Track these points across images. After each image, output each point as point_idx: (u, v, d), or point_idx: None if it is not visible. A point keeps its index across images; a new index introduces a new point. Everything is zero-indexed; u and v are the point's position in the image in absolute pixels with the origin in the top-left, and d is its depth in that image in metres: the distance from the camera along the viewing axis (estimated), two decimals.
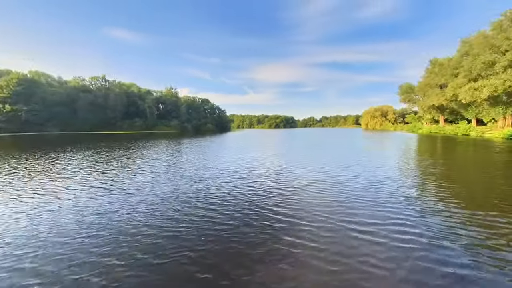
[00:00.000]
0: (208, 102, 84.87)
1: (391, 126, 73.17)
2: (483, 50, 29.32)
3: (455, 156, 12.83)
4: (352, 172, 7.97)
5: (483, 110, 32.26)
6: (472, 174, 8.19)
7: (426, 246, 3.07)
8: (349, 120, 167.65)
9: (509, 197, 5.22)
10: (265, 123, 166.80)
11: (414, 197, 5.24)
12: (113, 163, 9.98)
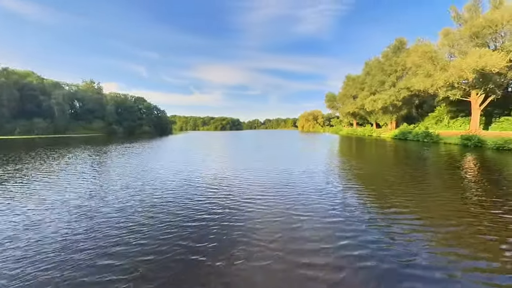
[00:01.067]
0: (143, 101, 74.79)
1: (321, 128, 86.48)
2: (377, 72, 39.25)
3: (365, 153, 16.71)
4: (291, 172, 9.10)
5: (379, 116, 43.07)
6: (375, 164, 10.99)
7: (351, 233, 4.01)
8: (288, 123, 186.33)
9: (395, 179, 7.39)
10: (211, 125, 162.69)
11: (339, 189, 6.60)
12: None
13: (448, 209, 4.93)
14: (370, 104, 39.00)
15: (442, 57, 24.64)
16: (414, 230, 3.94)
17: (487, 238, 3.65)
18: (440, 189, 6.77)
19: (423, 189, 6.56)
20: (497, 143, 14.89)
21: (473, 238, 3.65)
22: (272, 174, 8.63)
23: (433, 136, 22.53)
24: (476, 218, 4.46)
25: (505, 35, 20.23)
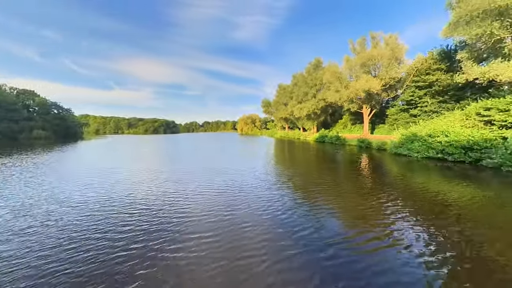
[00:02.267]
0: (33, 96, 55.70)
1: (258, 131, 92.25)
2: (302, 84, 45.93)
3: (294, 154, 19.17)
4: (230, 178, 9.32)
5: (305, 122, 50.47)
6: (302, 162, 12.85)
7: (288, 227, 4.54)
8: (228, 126, 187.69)
9: (318, 175, 8.94)
10: (139, 127, 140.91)
11: (276, 188, 7.33)
12: None
13: (352, 191, 6.48)
14: (297, 111, 45.13)
15: (345, 78, 31.81)
16: (331, 208, 4.95)
17: (373, 212, 5.07)
18: (345, 177, 8.75)
19: (336, 177, 8.30)
20: (378, 145, 20.67)
21: (363, 211, 4.98)
22: (206, 180, 8.49)
23: (341, 139, 28.63)
24: (367, 197, 6.08)
25: (380, 67, 28.42)
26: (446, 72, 23.60)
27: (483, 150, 11.55)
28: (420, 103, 25.98)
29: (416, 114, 26.10)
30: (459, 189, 7.70)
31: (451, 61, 23.29)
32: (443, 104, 23.89)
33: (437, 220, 5.18)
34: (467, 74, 16.39)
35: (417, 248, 4.01)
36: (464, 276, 3.28)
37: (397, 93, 30.68)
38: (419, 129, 16.44)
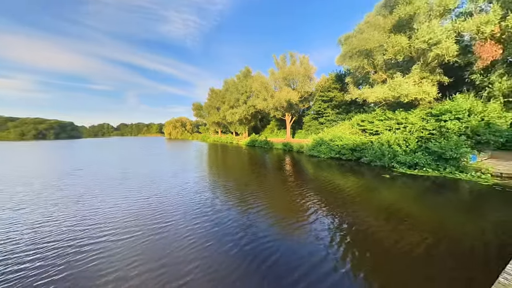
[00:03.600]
0: None
1: (190, 136, 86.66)
2: (234, 90, 47.32)
3: (227, 158, 19.27)
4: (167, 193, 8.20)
5: (237, 126, 52.06)
6: (236, 165, 13.09)
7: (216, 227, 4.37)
8: (153, 129, 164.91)
9: (249, 178, 9.31)
10: (10, 130, 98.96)
11: (207, 194, 7.01)
12: None
13: (276, 188, 7.18)
14: (230, 116, 45.98)
15: (271, 88, 35.44)
16: (260, 200, 5.24)
17: (295, 202, 5.81)
18: (271, 177, 9.65)
19: (264, 178, 8.97)
20: (297, 148, 24.24)
21: (288, 203, 5.63)
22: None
23: (269, 143, 31.55)
24: (288, 191, 6.92)
25: (297, 82, 33.64)
26: (340, 90, 31.04)
27: (361, 150, 15.91)
28: (325, 114, 32.78)
29: (323, 122, 32.70)
30: (349, 179, 10.22)
31: (343, 83, 30.93)
32: (339, 115, 31.23)
33: (335, 202, 6.61)
34: (351, 94, 22.22)
35: (323, 226, 4.92)
36: (354, 245, 4.30)
37: (310, 104, 37.34)
38: (324, 135, 20.61)
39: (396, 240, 4.77)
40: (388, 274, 3.69)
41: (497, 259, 3.73)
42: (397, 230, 5.21)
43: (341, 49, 22.27)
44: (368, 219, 5.87)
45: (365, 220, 5.82)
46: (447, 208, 6.77)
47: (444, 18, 16.34)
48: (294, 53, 34.47)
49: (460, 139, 11.70)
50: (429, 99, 16.79)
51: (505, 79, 14.34)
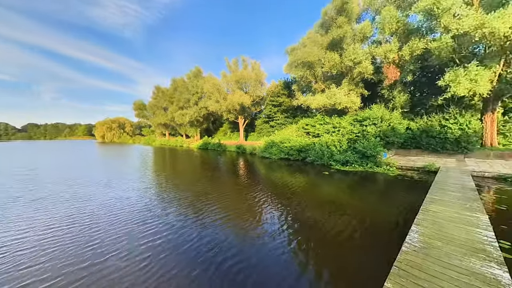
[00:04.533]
0: None
1: (130, 139, 75.70)
2: (184, 90, 44.47)
3: (179, 164, 17.80)
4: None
5: (188, 129, 49.01)
6: (187, 172, 12.22)
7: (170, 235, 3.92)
8: (79, 130, 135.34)
9: (202, 183, 8.87)
10: None
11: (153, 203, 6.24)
12: None
13: (231, 191, 7.11)
14: (179, 117, 42.87)
15: (224, 91, 35.18)
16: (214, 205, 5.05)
17: (250, 203, 5.89)
18: (226, 180, 9.52)
19: (218, 181, 8.73)
20: (250, 150, 24.86)
21: (243, 204, 5.67)
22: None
23: (223, 146, 31.13)
24: (244, 192, 6.98)
25: (249, 86, 34.63)
26: (288, 96, 33.83)
27: (306, 151, 17.76)
28: (275, 118, 34.98)
29: (274, 125, 34.79)
30: (297, 177, 11.22)
31: (290, 90, 33.87)
32: (288, 119, 33.96)
33: (285, 199, 7.12)
34: (297, 100, 24.60)
35: (276, 222, 5.20)
36: (301, 234, 4.72)
37: (261, 108, 39.09)
38: (275, 137, 21.95)
39: (332, 225, 5.55)
40: (326, 254, 4.25)
41: (403, 230, 4.84)
42: (333, 217, 6.07)
43: (288, 59, 24.39)
44: (312, 211, 6.60)
45: (310, 211, 6.52)
46: (368, 195, 8.38)
47: (364, 43, 20.30)
48: (246, 58, 35.44)
49: (376, 140, 14.73)
50: (355, 108, 20.42)
51: (401, 95, 19.04)
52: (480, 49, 14.62)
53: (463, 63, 14.03)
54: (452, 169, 10.59)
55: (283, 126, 31.06)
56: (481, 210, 4.96)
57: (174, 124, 50.06)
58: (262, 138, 24.91)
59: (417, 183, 9.87)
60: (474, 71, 12.82)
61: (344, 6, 20.09)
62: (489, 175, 10.18)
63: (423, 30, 17.24)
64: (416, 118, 17.89)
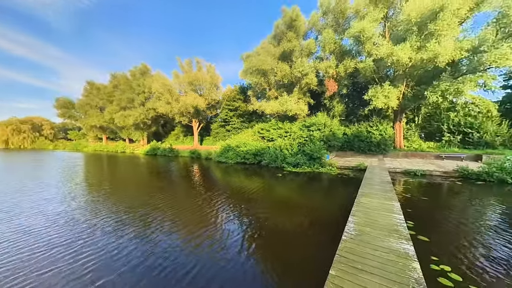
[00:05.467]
0: None
1: (50, 144, 60.76)
2: (127, 88, 39.19)
3: (120, 173, 15.30)
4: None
5: (132, 132, 43.22)
6: (129, 182, 10.62)
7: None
8: None
9: (148, 194, 7.89)
10: None
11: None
12: None
13: (188, 198, 6.59)
14: (121, 119, 37.41)
15: (176, 92, 32.88)
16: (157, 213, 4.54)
17: (206, 209, 5.59)
18: (179, 188, 8.80)
19: (170, 191, 7.97)
20: (206, 155, 23.94)
21: (200, 211, 5.33)
22: None
23: (175, 151, 28.84)
24: (199, 199, 6.59)
25: (204, 88, 33.55)
26: (244, 101, 34.47)
27: (262, 155, 18.43)
28: (231, 122, 34.98)
29: (230, 129, 34.67)
30: (253, 180, 11.46)
31: (246, 95, 34.65)
32: (243, 123, 34.50)
33: (241, 202, 7.14)
34: (253, 105, 25.38)
35: (233, 225, 5.12)
36: (256, 234, 4.80)
37: (217, 112, 38.42)
38: (231, 142, 21.89)
39: (285, 224, 5.91)
40: (280, 252, 4.48)
41: (345, 221, 5.58)
42: (286, 216, 6.48)
43: (243, 65, 24.98)
44: (267, 211, 6.86)
45: (265, 213, 6.75)
46: (315, 193, 9.36)
47: (309, 57, 22.89)
48: (201, 60, 34.39)
49: (321, 144, 16.69)
50: (303, 115, 22.64)
51: (339, 105, 22.32)
52: (391, 72, 18.75)
53: (381, 82, 17.66)
54: (375, 167, 13.03)
55: (240, 131, 31.38)
56: (395, 198, 6.28)
57: (114, 126, 43.23)
58: (218, 143, 24.41)
59: (353, 179, 11.67)
60: (387, 89, 16.32)
61: (293, 23, 22.23)
62: (399, 170, 13.03)
63: (353, 53, 20.82)
64: (350, 125, 21.28)
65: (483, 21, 15.68)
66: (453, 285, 3.44)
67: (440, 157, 16.21)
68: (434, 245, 4.64)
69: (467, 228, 5.61)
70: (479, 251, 4.47)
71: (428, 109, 21.88)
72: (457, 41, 14.29)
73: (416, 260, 3.15)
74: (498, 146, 17.12)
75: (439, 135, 20.04)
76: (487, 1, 14.12)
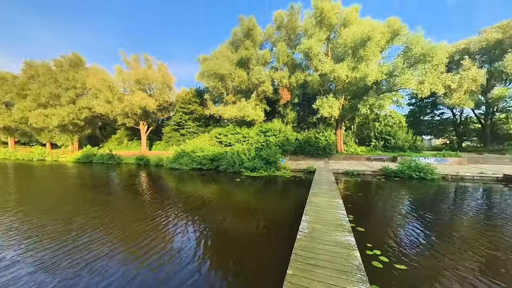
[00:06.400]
0: None
1: None
2: (49, 81, 31.81)
3: (34, 186, 11.95)
4: None
5: (56, 135, 35.08)
6: (50, 199, 8.42)
7: None
8: None
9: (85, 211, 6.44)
10: None
11: None
12: None
13: (131, 212, 5.67)
14: (39, 119, 29.88)
15: (119, 90, 28.77)
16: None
17: (157, 221, 4.94)
18: (122, 199, 7.56)
19: (110, 206, 6.71)
20: (156, 161, 21.64)
21: (150, 224, 4.66)
22: None
23: (116, 158, 24.93)
24: (148, 211, 5.80)
25: (154, 88, 30.61)
26: (200, 105, 33.10)
27: (219, 160, 18.00)
28: (186, 126, 32.95)
29: (184, 134, 32.55)
30: (210, 186, 11.00)
31: (202, 98, 33.42)
32: (200, 127, 33.03)
33: (198, 209, 6.72)
34: (210, 109, 24.70)
35: (189, 235, 4.71)
36: (216, 240, 4.56)
37: (170, 115, 35.57)
38: (186, 147, 20.57)
39: (244, 228, 5.90)
40: (239, 256, 4.41)
41: (299, 221, 5.95)
42: (243, 221, 6.47)
43: (200, 68, 24.17)
44: (225, 217, 6.68)
45: (222, 219, 6.57)
46: (272, 196, 9.74)
47: (265, 66, 24.11)
48: (150, 57, 31.44)
49: (276, 148, 17.61)
50: (260, 120, 23.49)
51: (292, 112, 24.23)
52: (333, 86, 21.71)
53: (326, 94, 20.19)
54: (322, 169, 14.63)
55: (196, 135, 29.89)
56: (338, 196, 7.17)
57: (27, 128, 34.13)
58: (172, 148, 22.48)
59: (304, 181, 12.72)
60: (331, 101, 18.78)
61: (250, 32, 23.07)
62: (341, 171, 15.03)
63: (303, 66, 23.12)
64: (301, 131, 23.34)
65: (395, 52, 20.28)
66: (382, 266, 4.12)
67: (369, 159, 19.59)
68: (369, 234, 5.49)
69: (390, 216, 6.90)
70: (399, 234, 5.55)
71: (360, 119, 26.29)
72: (379, 66, 17.83)
73: (356, 249, 3.63)
74: (407, 150, 22.02)
75: (368, 140, 24.27)
76: (397, 37, 18.26)
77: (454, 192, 10.12)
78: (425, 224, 6.23)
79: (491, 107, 24.73)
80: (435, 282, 3.68)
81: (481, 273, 3.89)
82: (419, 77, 17.05)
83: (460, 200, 8.94)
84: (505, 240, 5.20)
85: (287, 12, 22.89)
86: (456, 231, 5.81)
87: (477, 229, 5.92)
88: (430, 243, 5.11)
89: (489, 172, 13.20)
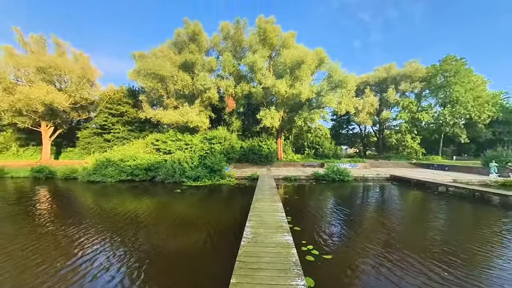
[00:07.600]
0: None
1: None
2: None
3: None
4: None
5: None
6: None
7: None
8: None
9: None
10: None
11: None
12: None
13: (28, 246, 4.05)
14: None
15: (7, 77, 21.34)
16: None
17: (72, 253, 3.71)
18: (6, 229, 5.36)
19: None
20: (65, 173, 16.93)
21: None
22: None
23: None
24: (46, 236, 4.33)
25: (67, 81, 24.48)
26: (133, 107, 28.75)
27: (156, 169, 16.01)
28: (114, 129, 27.74)
29: (110, 139, 27.23)
30: (143, 200, 9.53)
31: (136, 99, 29.21)
32: (132, 132, 28.51)
33: (131, 230, 5.64)
34: (146, 112, 21.89)
35: (117, 259, 3.83)
36: (149, 261, 3.91)
37: (90, 116, 29.10)
38: (113, 154, 17.22)
39: (184, 242, 5.41)
40: (177, 275, 3.98)
41: (243, 228, 5.96)
42: (184, 235, 5.95)
43: (136, 65, 21.32)
44: (162, 234, 5.94)
45: (159, 236, 5.81)
46: (216, 205, 9.45)
47: (211, 73, 23.85)
48: (63, 43, 25.34)
49: (221, 156, 17.39)
50: (205, 127, 22.74)
51: (237, 121, 24.78)
52: (275, 99, 23.83)
53: (268, 106, 21.86)
54: (265, 175, 15.50)
55: (126, 141, 25.61)
56: (279, 200, 7.75)
57: None
58: (91, 156, 18.17)
59: (248, 188, 13.05)
60: (273, 112, 20.48)
61: (195, 36, 22.45)
62: (281, 177, 16.38)
63: (248, 78, 24.32)
64: (246, 140, 24.12)
65: (322, 77, 24.62)
66: (314, 259, 4.69)
67: (304, 166, 22.35)
68: (304, 232, 6.15)
69: (319, 214, 8.01)
70: (325, 229, 6.50)
71: (297, 130, 29.86)
72: (310, 86, 21.02)
73: (294, 247, 3.99)
74: (331, 157, 26.52)
75: (303, 149, 27.73)
76: (323, 64, 22.21)
77: (362, 190, 12.89)
78: (343, 217, 7.59)
79: (382, 125, 33.90)
80: (352, 265, 4.51)
81: (384, 249, 5.06)
82: (338, 99, 21.24)
83: (365, 196, 11.47)
84: (392, 222, 7.02)
85: (234, 25, 23.80)
86: (364, 219, 7.39)
87: (375, 217, 7.73)
88: (347, 232, 6.26)
89: (382, 173, 17.67)
